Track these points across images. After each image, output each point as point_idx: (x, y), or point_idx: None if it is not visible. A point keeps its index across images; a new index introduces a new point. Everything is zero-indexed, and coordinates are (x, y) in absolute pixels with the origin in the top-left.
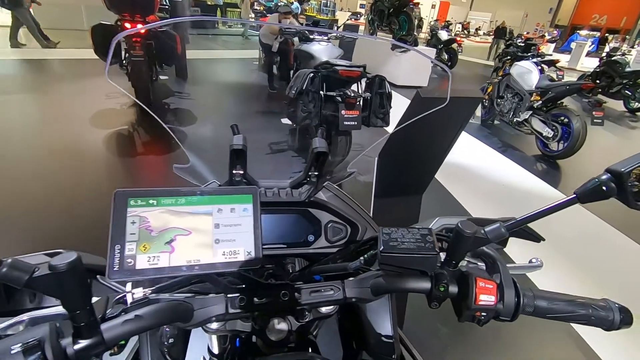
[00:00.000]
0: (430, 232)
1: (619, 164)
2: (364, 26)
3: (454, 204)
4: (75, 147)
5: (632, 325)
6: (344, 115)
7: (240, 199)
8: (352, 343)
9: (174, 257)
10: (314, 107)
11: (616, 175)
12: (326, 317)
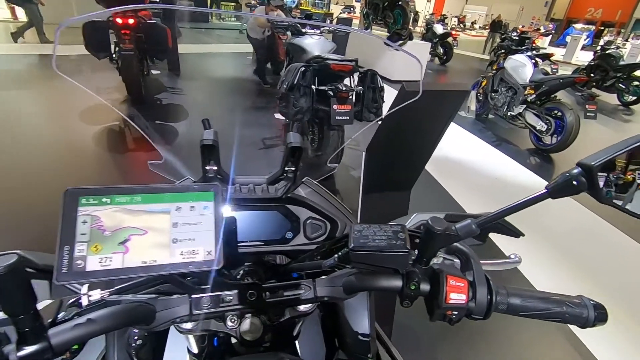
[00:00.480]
0: (402, 229)
1: (590, 157)
2: (358, 20)
3: (447, 199)
4: (61, 145)
5: (608, 321)
6: (335, 109)
7: (201, 196)
8: (335, 341)
9: (128, 258)
10: (306, 102)
11: (586, 169)
12: (304, 315)
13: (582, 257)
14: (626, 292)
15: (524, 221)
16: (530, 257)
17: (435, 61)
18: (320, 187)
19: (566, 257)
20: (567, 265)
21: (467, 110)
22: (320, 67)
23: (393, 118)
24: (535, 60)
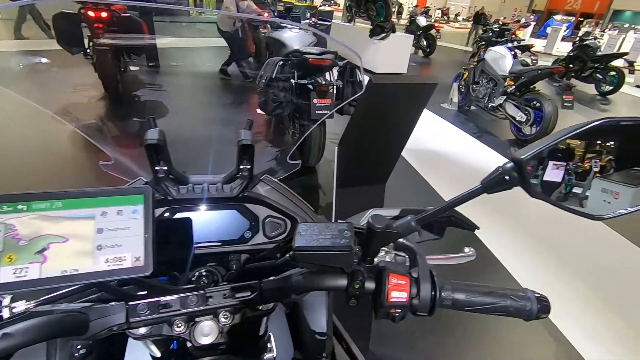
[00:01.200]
0: (348, 227)
1: (521, 151)
2: (341, 12)
3: (428, 190)
4: (36, 145)
5: (551, 313)
6: (315, 103)
7: (130, 200)
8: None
9: (47, 268)
10: (285, 96)
11: (517, 163)
12: (265, 314)
13: (556, 245)
14: (597, 275)
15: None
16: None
17: (419, 53)
18: (280, 184)
19: (542, 245)
20: (542, 251)
21: (449, 102)
22: (299, 61)
23: (363, 111)
24: (514, 51)
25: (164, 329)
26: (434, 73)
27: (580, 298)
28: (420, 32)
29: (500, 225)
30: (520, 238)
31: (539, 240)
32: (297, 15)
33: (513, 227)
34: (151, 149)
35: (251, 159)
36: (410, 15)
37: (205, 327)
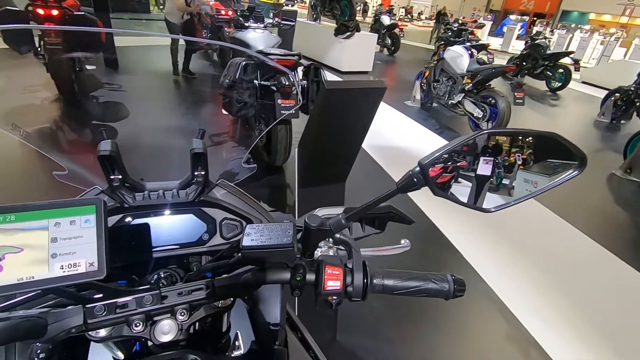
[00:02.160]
0: (289, 226)
1: (424, 157)
2: (307, 10)
3: (391, 184)
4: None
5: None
6: (280, 104)
7: (82, 210)
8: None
9: (3, 276)
10: (250, 97)
11: (422, 167)
12: (224, 311)
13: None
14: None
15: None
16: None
17: (383, 52)
18: (236, 188)
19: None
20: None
21: (412, 100)
22: (262, 62)
23: (319, 115)
24: (471, 51)
25: (124, 329)
26: (398, 71)
27: (529, 276)
28: (384, 30)
29: (458, 216)
30: (475, 226)
31: (487, 225)
32: (261, 15)
33: (469, 218)
34: (105, 159)
35: (205, 166)
36: (375, 14)
37: (165, 326)
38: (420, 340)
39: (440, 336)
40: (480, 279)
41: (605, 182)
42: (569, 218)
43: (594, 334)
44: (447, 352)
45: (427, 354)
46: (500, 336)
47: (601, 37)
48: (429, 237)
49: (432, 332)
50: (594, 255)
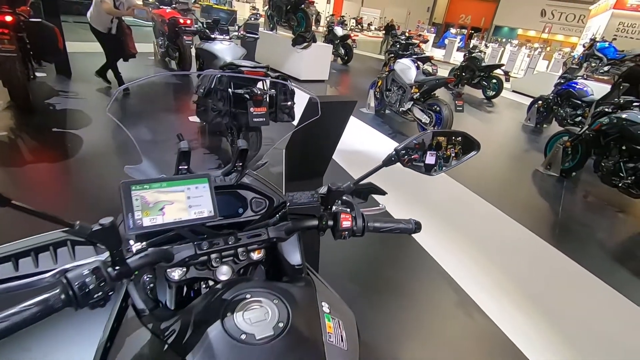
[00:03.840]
0: (316, 192)
1: (398, 145)
2: (264, 18)
3: (349, 179)
4: None
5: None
6: (252, 112)
7: (200, 181)
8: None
9: (165, 217)
10: (224, 105)
11: (396, 151)
12: (257, 263)
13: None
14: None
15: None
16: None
17: (337, 61)
18: (259, 175)
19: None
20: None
21: (367, 107)
22: (235, 73)
23: (301, 126)
24: (417, 63)
25: (194, 272)
26: (353, 80)
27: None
28: (338, 41)
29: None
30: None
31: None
32: (226, 28)
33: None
34: (182, 154)
35: (244, 159)
36: (328, 25)
37: (223, 269)
38: (382, 305)
39: (398, 301)
40: (431, 258)
41: (530, 177)
42: (500, 206)
43: (515, 293)
44: (400, 311)
45: (384, 310)
46: (446, 299)
47: (527, 50)
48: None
49: (391, 297)
50: (518, 233)
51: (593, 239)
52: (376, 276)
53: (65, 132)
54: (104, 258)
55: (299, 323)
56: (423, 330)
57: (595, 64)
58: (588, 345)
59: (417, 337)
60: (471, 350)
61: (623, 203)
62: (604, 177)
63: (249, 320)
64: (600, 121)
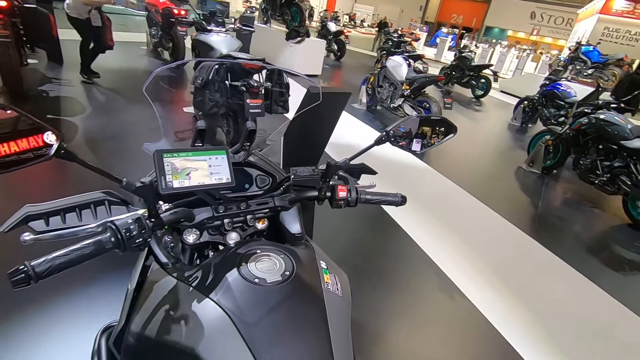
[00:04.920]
0: (316, 168)
1: (388, 127)
2: (257, 11)
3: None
4: None
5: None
6: (249, 103)
7: (219, 152)
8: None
9: (191, 181)
10: (221, 96)
11: (386, 132)
12: (261, 232)
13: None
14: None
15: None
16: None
17: (330, 57)
18: (263, 155)
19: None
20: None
21: (359, 103)
22: (232, 65)
23: (299, 114)
24: (409, 61)
25: (207, 237)
26: (345, 75)
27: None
28: (331, 37)
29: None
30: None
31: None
32: (222, 20)
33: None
34: (199, 132)
35: (252, 139)
36: (321, 21)
37: (232, 234)
38: (371, 288)
39: (385, 284)
40: (418, 247)
41: (513, 174)
42: (483, 199)
43: (493, 278)
44: (387, 293)
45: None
46: (430, 283)
47: (517, 52)
48: (380, 223)
49: (379, 281)
50: (498, 224)
51: (568, 231)
52: (366, 263)
53: (60, 119)
54: (141, 213)
55: (302, 273)
56: (408, 309)
57: (580, 67)
58: (556, 323)
59: (403, 315)
60: (451, 328)
61: (598, 199)
62: (582, 174)
63: (261, 269)
64: (580, 121)
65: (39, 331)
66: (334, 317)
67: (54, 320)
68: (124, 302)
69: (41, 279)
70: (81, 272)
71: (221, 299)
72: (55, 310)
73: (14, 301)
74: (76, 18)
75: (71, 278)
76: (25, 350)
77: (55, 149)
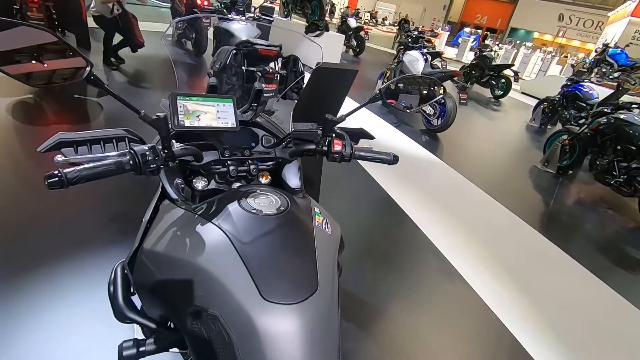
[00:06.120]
0: (316, 125)
1: (381, 86)
2: (278, 7)
3: (357, 166)
4: None
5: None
6: (264, 88)
7: (227, 100)
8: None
9: (200, 122)
10: (237, 80)
11: (380, 91)
12: (266, 185)
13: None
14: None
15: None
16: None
17: (349, 53)
18: (269, 118)
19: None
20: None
21: None
22: (249, 51)
23: (311, 86)
24: (426, 56)
25: (213, 184)
26: (362, 71)
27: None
28: (350, 32)
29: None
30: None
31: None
32: (242, 9)
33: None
34: (211, 87)
35: (259, 99)
36: (342, 16)
37: (236, 184)
38: (371, 268)
39: (386, 266)
40: (423, 234)
41: (526, 172)
42: (493, 194)
43: (496, 267)
44: (388, 274)
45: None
46: (432, 268)
47: (542, 54)
48: (385, 209)
49: (380, 263)
50: (506, 218)
51: (579, 229)
52: (368, 245)
53: (86, 99)
54: (156, 143)
55: (295, 210)
56: (408, 291)
57: (606, 70)
58: (556, 314)
59: (402, 296)
60: (451, 311)
61: (613, 201)
62: (598, 175)
63: (258, 203)
64: (599, 121)
65: (67, 267)
66: (321, 249)
67: (80, 259)
68: (138, 232)
69: (71, 184)
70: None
71: (222, 224)
72: (81, 253)
73: (42, 253)
74: (101, 16)
75: (96, 224)
76: (54, 283)
77: (86, 73)
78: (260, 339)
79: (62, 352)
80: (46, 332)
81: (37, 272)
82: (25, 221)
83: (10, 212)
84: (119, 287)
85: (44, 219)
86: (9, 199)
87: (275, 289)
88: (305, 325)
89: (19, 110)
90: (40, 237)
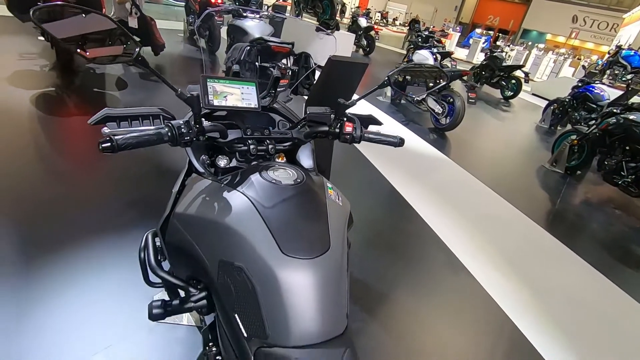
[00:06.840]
0: (329, 109)
1: (390, 74)
2: (290, 6)
3: (363, 159)
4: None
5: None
6: (280, 75)
7: (250, 83)
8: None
9: (227, 102)
10: (250, 75)
11: (388, 78)
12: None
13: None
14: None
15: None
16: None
17: (359, 52)
18: (285, 104)
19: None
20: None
21: (384, 96)
22: (262, 48)
23: (324, 77)
24: (436, 55)
25: (234, 162)
26: (372, 70)
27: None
28: (361, 32)
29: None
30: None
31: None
32: (255, 8)
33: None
34: (234, 74)
35: (276, 86)
36: (353, 16)
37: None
38: (378, 257)
39: (392, 256)
40: (429, 227)
41: (534, 171)
42: (500, 191)
43: (500, 260)
44: (393, 263)
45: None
46: (437, 259)
47: (554, 56)
48: (393, 204)
49: (386, 252)
50: (512, 214)
51: (585, 227)
52: (376, 236)
53: (104, 92)
54: (189, 118)
55: (310, 182)
56: (414, 279)
57: (619, 72)
58: (557, 307)
59: (408, 284)
60: (455, 301)
61: (621, 201)
62: (606, 175)
63: (277, 175)
64: (608, 121)
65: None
66: (333, 216)
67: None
68: (168, 202)
69: (120, 149)
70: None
71: (246, 191)
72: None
73: (86, 226)
74: (120, 21)
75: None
76: (90, 247)
77: (135, 55)
78: (279, 287)
79: (96, 316)
80: (80, 299)
81: (67, 250)
82: (53, 203)
83: (41, 196)
84: (150, 252)
85: (72, 202)
86: (37, 184)
87: (293, 246)
88: (320, 277)
89: (41, 102)
90: (75, 216)
